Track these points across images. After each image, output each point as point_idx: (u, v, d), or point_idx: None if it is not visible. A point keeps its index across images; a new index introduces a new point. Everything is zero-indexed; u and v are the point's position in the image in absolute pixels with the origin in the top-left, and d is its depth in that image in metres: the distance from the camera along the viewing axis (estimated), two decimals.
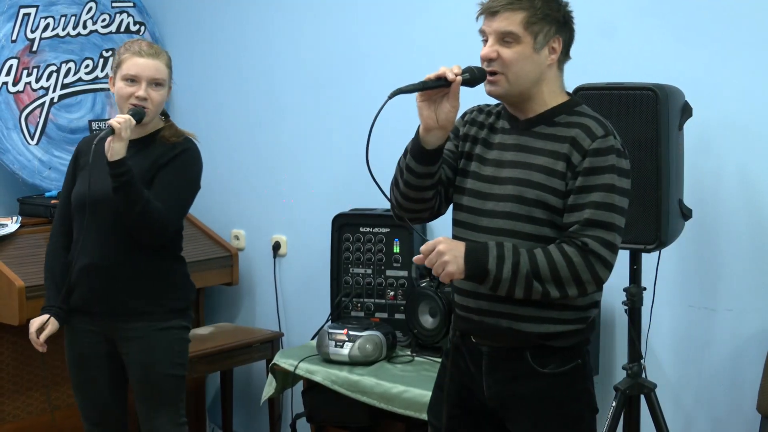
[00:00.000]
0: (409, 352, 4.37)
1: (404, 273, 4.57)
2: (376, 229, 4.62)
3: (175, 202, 3.54)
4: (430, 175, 2.77)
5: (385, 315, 4.61)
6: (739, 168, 3.78)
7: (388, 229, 4.60)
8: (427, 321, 4.31)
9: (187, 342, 3.71)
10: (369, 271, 4.64)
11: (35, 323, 3.59)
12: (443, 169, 2.83)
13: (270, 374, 4.43)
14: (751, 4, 3.71)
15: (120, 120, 3.31)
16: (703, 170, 3.81)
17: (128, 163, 3.34)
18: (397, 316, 4.57)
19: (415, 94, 2.67)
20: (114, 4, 5.33)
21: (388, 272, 4.61)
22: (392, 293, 4.60)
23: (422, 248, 2.64)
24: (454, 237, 2.82)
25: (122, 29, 5.35)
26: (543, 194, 2.66)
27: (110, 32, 5.31)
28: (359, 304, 4.67)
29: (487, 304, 2.75)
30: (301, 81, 5.00)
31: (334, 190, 4.88)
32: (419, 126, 2.71)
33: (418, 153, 2.73)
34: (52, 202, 4.86)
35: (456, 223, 2.87)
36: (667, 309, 3.96)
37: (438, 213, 2.92)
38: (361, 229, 4.65)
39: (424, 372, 4.12)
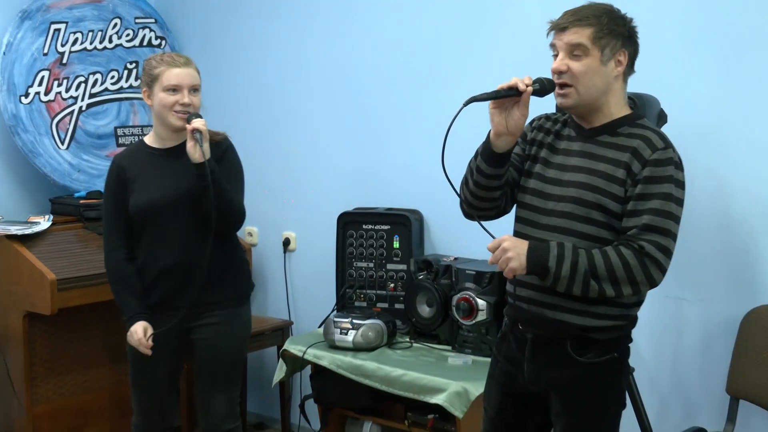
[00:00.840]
0: (407, 339, 4.37)
1: (403, 266, 4.57)
2: (377, 227, 4.63)
3: (240, 191, 3.64)
4: (499, 177, 2.78)
5: (385, 305, 4.61)
6: (709, 170, 3.77)
7: (389, 227, 4.60)
8: (424, 310, 4.31)
9: (250, 326, 3.78)
10: (371, 264, 4.64)
11: (140, 330, 3.51)
12: (510, 171, 2.85)
13: (281, 359, 4.43)
14: (720, 22, 3.70)
15: (203, 122, 3.37)
16: None
17: (213, 162, 3.40)
18: (397, 306, 4.57)
19: (488, 102, 2.68)
20: (137, 20, 5.33)
21: (389, 266, 4.61)
22: (392, 285, 4.60)
23: (489, 246, 2.65)
24: (516, 233, 2.83)
25: (145, 43, 5.36)
26: (602, 198, 2.67)
27: (134, 46, 5.31)
28: (362, 295, 4.67)
29: (536, 294, 2.77)
30: (309, 93, 5.00)
31: (339, 191, 4.88)
32: (490, 131, 2.72)
33: (488, 156, 2.75)
34: (81, 202, 4.87)
35: (518, 219, 2.88)
36: (646, 300, 3.96)
37: (504, 211, 2.94)
38: (363, 226, 4.66)
39: (421, 357, 4.13)
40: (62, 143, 5.04)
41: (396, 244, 4.60)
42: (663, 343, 3.96)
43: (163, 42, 5.42)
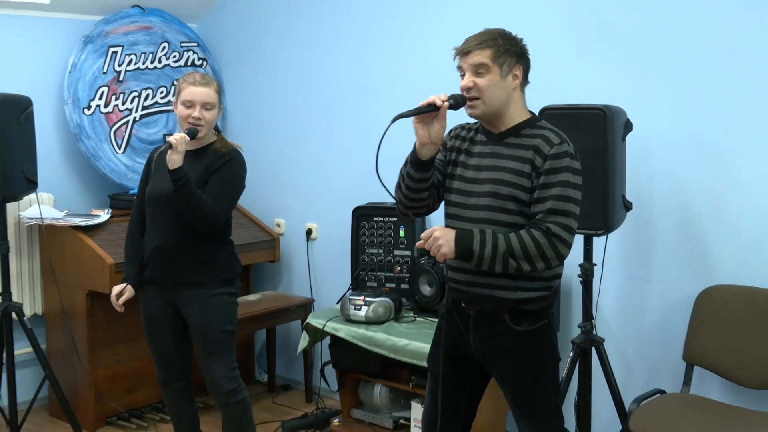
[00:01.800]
0: (412, 314, 4.36)
1: (408, 253, 4.56)
2: (386, 219, 4.62)
3: (223, 200, 3.54)
4: (425, 180, 2.81)
5: (393, 285, 4.60)
6: (668, 170, 3.77)
7: (396, 219, 4.60)
8: (426, 290, 4.30)
9: (235, 305, 3.70)
10: (381, 251, 4.63)
11: (115, 289, 3.66)
12: (435, 175, 2.86)
13: (304, 331, 4.42)
14: (678, 43, 3.69)
15: (177, 137, 3.34)
16: (641, 172, 3.79)
17: (184, 170, 3.36)
18: (403, 286, 4.56)
19: (412, 118, 2.71)
20: (182, 44, 5.33)
21: (396, 252, 4.60)
22: (399, 268, 4.59)
23: (422, 235, 2.68)
24: (446, 226, 2.82)
25: (189, 63, 5.35)
26: (513, 190, 2.70)
27: (179, 66, 5.31)
28: (373, 277, 4.66)
29: (473, 278, 2.77)
30: (328, 105, 4.99)
31: (353, 189, 4.86)
32: (415, 142, 2.75)
33: (415, 163, 2.78)
34: (135, 198, 4.86)
35: (447, 215, 2.89)
36: (613, 280, 3.95)
37: (432, 209, 2.95)
38: (374, 218, 4.65)
39: (423, 329, 4.12)
40: (119, 148, 5.04)
41: (402, 234, 4.59)
42: (628, 318, 3.95)
43: (204, 62, 5.41)
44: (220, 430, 4.54)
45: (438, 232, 2.65)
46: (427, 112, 2.70)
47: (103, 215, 4.68)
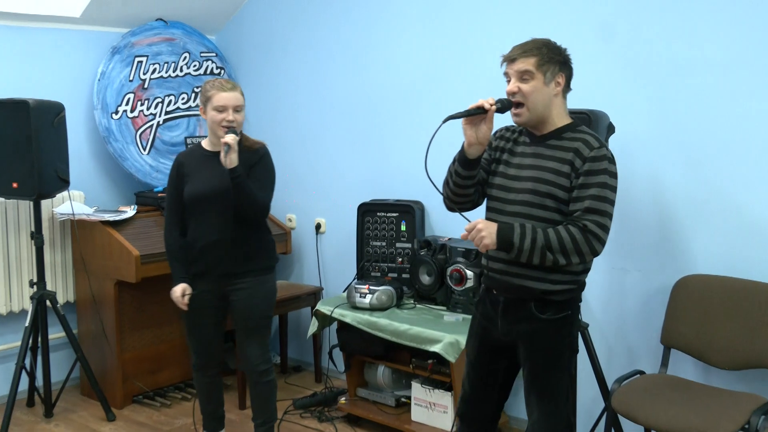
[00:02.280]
0: (412, 302, 4.35)
1: (409, 245, 4.55)
2: (388, 214, 4.61)
3: (268, 191, 3.64)
4: (472, 177, 2.82)
5: (395, 275, 4.59)
6: (647, 169, 3.76)
7: (397, 214, 4.59)
8: (425, 279, 4.30)
9: (275, 292, 3.76)
10: (383, 243, 4.62)
11: (178, 290, 3.58)
12: (480, 173, 2.87)
13: (313, 317, 4.42)
14: (656, 53, 3.68)
15: (232, 139, 3.37)
16: (622, 171, 3.75)
17: (240, 168, 3.41)
18: (404, 275, 4.55)
19: (461, 119, 2.73)
20: (202, 54, 5.33)
21: (397, 244, 4.59)
22: (400, 259, 4.58)
23: (466, 227, 2.67)
24: (487, 218, 2.83)
25: (207, 72, 5.35)
26: (553, 189, 2.70)
27: (199, 74, 5.31)
28: (377, 267, 4.65)
29: (506, 267, 2.78)
30: (334, 111, 4.98)
31: (359, 186, 4.87)
32: (464, 142, 2.76)
33: (463, 161, 2.79)
34: (159, 195, 4.88)
35: (488, 209, 2.89)
36: (596, 270, 3.92)
37: (477, 204, 2.96)
38: (378, 213, 4.64)
39: (423, 315, 4.11)
40: (144, 150, 5.04)
41: (403, 228, 4.57)
42: (610, 305, 3.94)
43: (222, 71, 5.41)
44: (237, 408, 4.56)
45: (481, 224, 2.65)
46: (476, 114, 2.71)
47: (130, 211, 4.69)
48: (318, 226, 5.15)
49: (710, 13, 3.53)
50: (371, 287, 4.23)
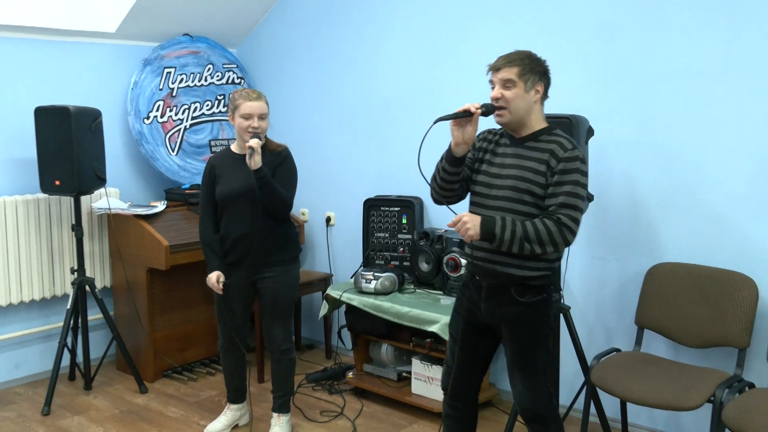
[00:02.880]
0: (412, 287, 4.35)
1: (409, 236, 4.54)
2: (391, 209, 4.60)
3: (291, 187, 3.62)
4: (457, 174, 2.82)
5: (397, 263, 4.58)
6: (622, 168, 3.75)
7: (399, 209, 4.57)
8: (424, 267, 4.30)
9: (299, 279, 3.75)
10: (387, 235, 4.62)
11: (213, 277, 3.59)
12: (465, 170, 2.86)
13: (324, 300, 4.42)
14: (631, 62, 3.67)
15: (256, 143, 3.39)
16: (600, 170, 3.78)
17: (265, 168, 3.42)
18: (405, 263, 4.54)
19: (449, 121, 2.74)
20: (224, 65, 5.32)
21: (399, 236, 4.58)
22: (401, 249, 4.57)
23: (453, 219, 2.68)
24: (471, 212, 2.81)
25: (229, 82, 5.34)
26: (530, 186, 2.70)
27: (222, 83, 5.30)
28: (380, 256, 4.64)
29: (488, 255, 2.77)
30: (342, 115, 4.98)
31: (364, 184, 4.86)
32: (450, 141, 2.76)
33: (450, 159, 2.79)
34: (186, 191, 4.89)
35: (472, 203, 2.88)
36: (578, 259, 3.94)
37: (461, 198, 2.94)
38: (381, 208, 4.63)
39: (422, 299, 4.11)
40: (173, 151, 5.03)
41: (404, 221, 4.57)
42: (590, 290, 3.94)
43: (242, 81, 5.40)
44: (256, 382, 4.56)
45: (466, 217, 2.66)
46: (462, 117, 2.71)
47: (160, 206, 4.69)
48: (328, 219, 5.15)
49: (681, 30, 3.52)
50: (376, 274, 4.23)
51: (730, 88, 3.41)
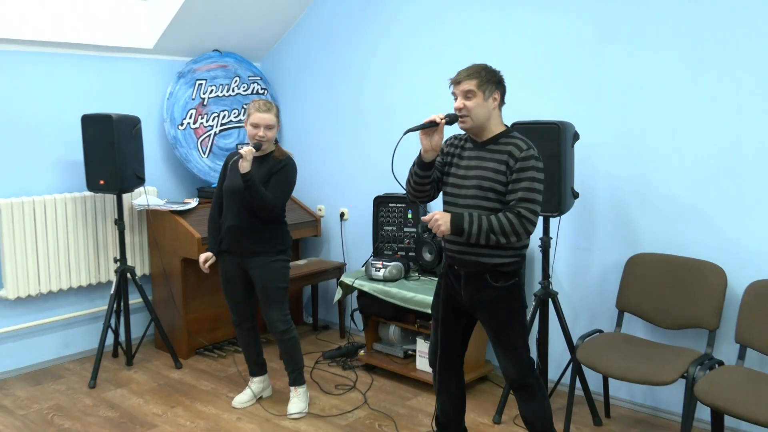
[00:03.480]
0: (417, 275, 4.33)
1: (414, 230, 4.53)
2: (398, 205, 4.59)
3: (280, 195, 3.54)
4: (428, 177, 2.81)
5: (403, 253, 4.56)
6: (604, 168, 3.73)
7: (405, 205, 4.56)
8: (427, 256, 4.28)
9: (287, 268, 3.69)
10: (394, 228, 4.60)
11: (202, 257, 3.67)
12: (435, 173, 2.85)
13: (338, 286, 4.41)
14: (612, 74, 3.65)
15: (246, 150, 3.36)
16: (585, 170, 3.76)
17: (252, 174, 3.39)
18: (410, 254, 4.53)
19: (418, 132, 2.73)
20: (249, 78, 5.30)
21: (405, 229, 4.57)
22: (407, 241, 4.56)
23: (425, 218, 2.69)
24: (444, 210, 2.82)
25: (254, 92, 5.32)
26: (493, 184, 2.68)
27: (247, 94, 5.28)
28: (388, 247, 4.63)
29: (463, 248, 2.76)
30: (355, 121, 4.96)
31: (374, 183, 4.84)
32: (420, 149, 2.75)
33: (420, 164, 2.78)
34: (215, 190, 4.86)
35: (444, 202, 2.87)
36: (564, 249, 3.92)
37: (433, 197, 2.93)
38: (389, 204, 4.61)
39: (425, 285, 4.09)
40: (204, 154, 5.03)
41: (409, 216, 4.55)
42: (576, 277, 3.92)
43: (266, 91, 5.38)
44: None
45: (438, 215, 2.65)
46: (429, 127, 2.70)
47: (193, 203, 4.69)
48: (342, 215, 5.13)
49: (654, 47, 3.50)
50: (384, 263, 4.22)
51: (698, 98, 3.39)
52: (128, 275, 4.44)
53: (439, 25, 4.39)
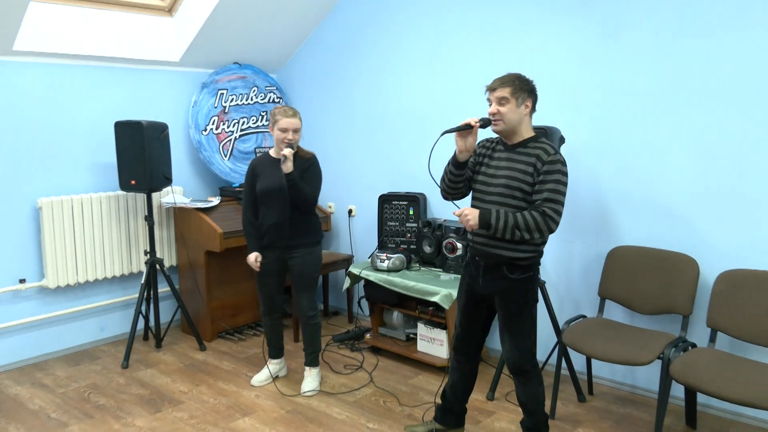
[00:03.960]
0: (418, 265, 4.32)
1: (415, 225, 4.51)
2: (400, 202, 4.57)
3: (316, 189, 3.57)
4: (462, 175, 2.81)
5: (405, 246, 4.55)
6: (587, 169, 3.72)
7: (407, 202, 4.54)
8: (427, 249, 4.27)
9: (321, 258, 3.72)
10: (397, 223, 4.59)
11: (252, 257, 3.63)
12: (468, 172, 2.84)
13: (347, 276, 4.40)
14: (595, 82, 3.63)
15: (289, 152, 3.38)
16: (570, 170, 3.76)
17: (295, 173, 3.42)
18: (412, 246, 4.52)
19: (453, 133, 2.74)
20: (266, 87, 5.30)
21: (407, 224, 4.56)
22: (409, 235, 4.55)
23: (455, 212, 2.67)
24: (472, 206, 2.80)
25: (270, 101, 5.32)
26: (520, 184, 2.66)
27: (264, 102, 5.28)
28: (392, 240, 4.62)
29: (485, 240, 2.75)
30: (363, 127, 4.95)
31: (379, 183, 4.84)
32: (455, 149, 2.76)
33: (455, 164, 2.78)
34: (236, 189, 4.87)
35: (473, 198, 2.85)
36: (551, 242, 3.92)
37: (465, 195, 2.91)
38: (393, 202, 4.60)
39: (425, 275, 4.09)
40: (225, 157, 5.03)
41: (411, 212, 4.54)
42: (562, 267, 3.91)
43: (281, 100, 5.38)
44: (293, 341, 4.57)
45: (467, 210, 2.65)
46: (464, 129, 2.70)
47: (215, 201, 4.69)
48: (350, 211, 5.13)
49: (634, 58, 3.49)
50: (388, 255, 4.22)
51: (673, 105, 3.37)
52: (157, 266, 4.45)
53: (438, 41, 4.37)
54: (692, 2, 3.28)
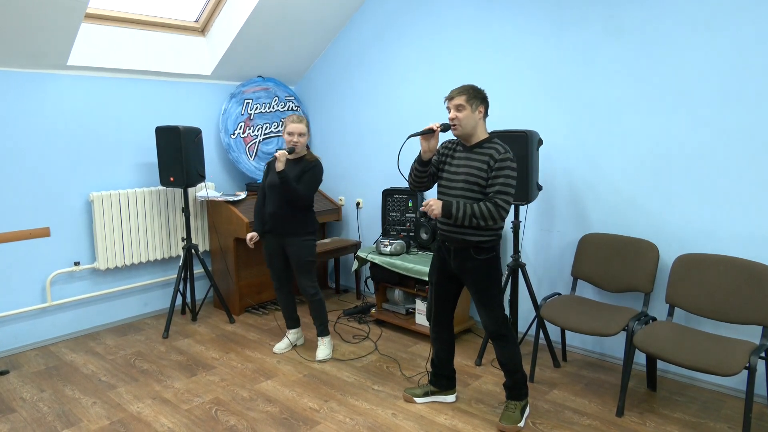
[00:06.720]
0: (416, 250, 4.29)
1: (413, 215, 4.48)
2: (401, 196, 4.53)
3: (309, 189, 3.49)
4: (425, 171, 2.78)
5: (405, 233, 4.52)
6: (562, 166, 3.67)
7: (407, 196, 4.50)
8: (424, 236, 4.24)
9: (315, 246, 3.65)
10: (398, 214, 4.56)
11: (249, 235, 3.62)
12: (432, 168, 2.81)
13: (355, 259, 4.37)
14: (570, 91, 3.58)
15: (280, 153, 3.34)
16: (547, 168, 3.71)
17: (285, 171, 3.37)
18: (411, 234, 4.48)
19: (418, 137, 2.68)
20: (286, 98, 5.25)
21: (407, 215, 4.52)
22: (408, 224, 4.52)
23: (424, 203, 2.66)
24: (438, 198, 2.77)
25: (289, 109, 5.28)
26: (477, 179, 2.65)
27: (285, 110, 5.24)
28: (394, 229, 4.58)
29: (452, 228, 2.74)
30: (369, 130, 4.90)
31: (383, 179, 4.80)
32: (420, 150, 2.72)
33: (420, 162, 2.75)
34: (260, 184, 4.82)
35: (439, 192, 2.82)
36: (530, 230, 3.87)
37: (429, 188, 2.88)
38: (395, 195, 4.56)
39: (423, 258, 4.05)
40: (251, 157, 4.99)
41: (410, 204, 4.50)
42: (540, 253, 3.87)
43: (299, 108, 5.34)
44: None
45: (432, 201, 2.64)
46: (428, 133, 2.68)
47: (242, 195, 4.65)
48: (358, 203, 5.09)
49: (602, 70, 3.43)
50: (390, 241, 4.18)
51: (636, 110, 3.32)
52: (193, 251, 4.42)
53: (434, 57, 4.32)
54: (653, 23, 3.23)
